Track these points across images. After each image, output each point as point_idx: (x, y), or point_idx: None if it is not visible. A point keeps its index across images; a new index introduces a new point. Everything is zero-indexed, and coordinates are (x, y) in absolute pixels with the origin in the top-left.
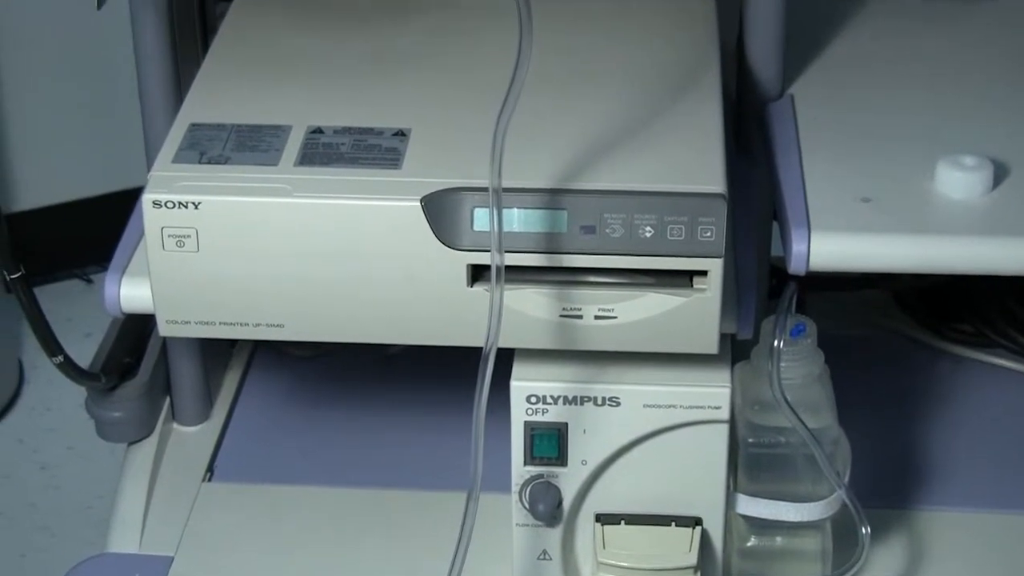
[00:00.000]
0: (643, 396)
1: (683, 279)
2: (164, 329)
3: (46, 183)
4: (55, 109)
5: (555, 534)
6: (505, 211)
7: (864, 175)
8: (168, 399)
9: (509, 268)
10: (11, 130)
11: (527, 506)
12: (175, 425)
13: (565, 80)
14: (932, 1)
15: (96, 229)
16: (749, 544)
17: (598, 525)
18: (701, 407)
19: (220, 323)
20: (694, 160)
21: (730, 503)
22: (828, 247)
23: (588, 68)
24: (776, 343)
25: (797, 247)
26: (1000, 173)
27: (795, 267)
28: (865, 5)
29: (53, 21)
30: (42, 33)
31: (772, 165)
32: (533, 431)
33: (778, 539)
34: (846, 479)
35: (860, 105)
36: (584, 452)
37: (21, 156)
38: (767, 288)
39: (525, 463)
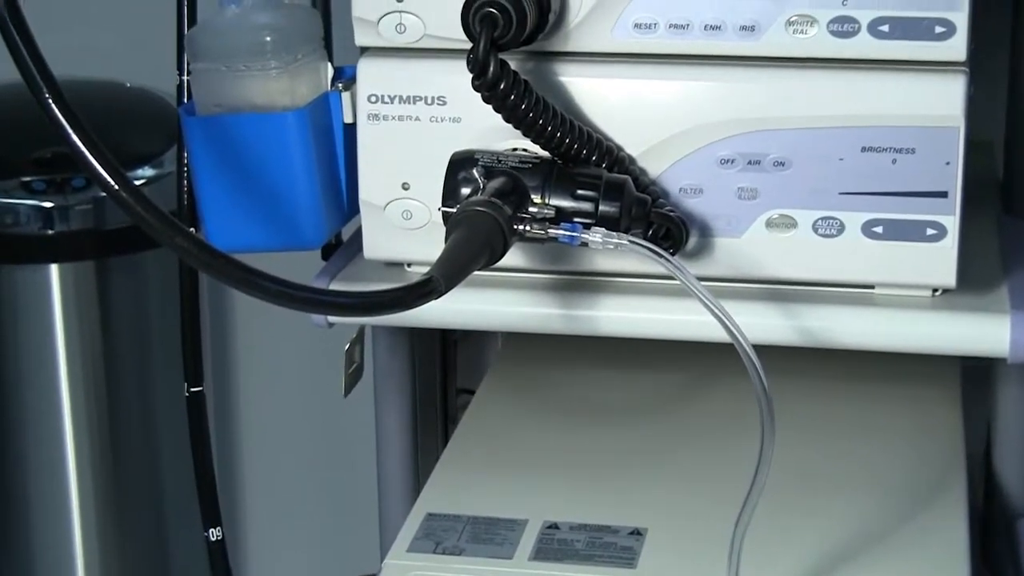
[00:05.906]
0: None
1: None
2: None
3: (280, 569)
4: (292, 496)
5: None
6: None
7: None
8: None
9: None
10: (248, 516)
11: None
12: None
13: (805, 483)
14: None
15: None
16: None
17: None
18: None
19: None
20: (937, 574)
21: None
22: None
23: (830, 471)
24: None
25: None
26: None
27: None
28: None
29: (294, 405)
30: (284, 419)
31: None
32: None
33: None
34: None
35: None
36: None
37: (256, 543)
38: None
39: None
